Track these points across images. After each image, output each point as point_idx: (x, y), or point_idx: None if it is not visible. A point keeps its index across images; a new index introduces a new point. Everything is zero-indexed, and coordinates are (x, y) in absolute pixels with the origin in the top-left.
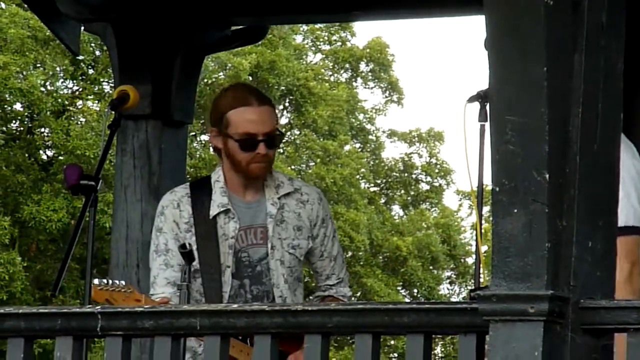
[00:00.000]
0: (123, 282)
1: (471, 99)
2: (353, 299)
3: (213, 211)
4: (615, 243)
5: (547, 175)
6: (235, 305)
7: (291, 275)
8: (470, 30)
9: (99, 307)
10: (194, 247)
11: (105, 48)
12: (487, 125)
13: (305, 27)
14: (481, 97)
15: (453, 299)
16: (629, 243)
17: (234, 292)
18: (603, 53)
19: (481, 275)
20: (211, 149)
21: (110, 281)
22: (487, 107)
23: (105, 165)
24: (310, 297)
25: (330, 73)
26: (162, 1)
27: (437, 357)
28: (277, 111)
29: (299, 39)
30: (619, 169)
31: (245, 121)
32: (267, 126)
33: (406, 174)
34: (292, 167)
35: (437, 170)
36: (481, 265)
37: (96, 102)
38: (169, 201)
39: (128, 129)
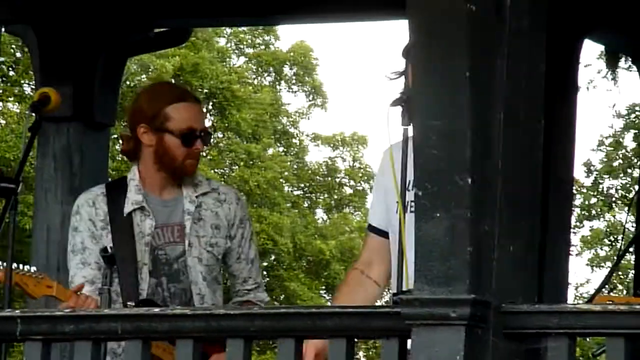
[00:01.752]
0: (34, 268)
1: (394, 103)
2: (276, 302)
3: (127, 209)
4: (536, 247)
5: (470, 180)
6: (156, 310)
7: (210, 274)
8: (393, 34)
9: (18, 311)
10: (110, 245)
11: (26, 49)
12: (410, 129)
13: (228, 30)
14: (404, 101)
15: (376, 303)
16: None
17: (151, 291)
18: (525, 57)
19: (403, 279)
20: (119, 148)
21: (22, 266)
22: (410, 111)
23: (26, 168)
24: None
25: (254, 76)
26: (84, 3)
27: None
28: None
29: (222, 41)
30: (540, 173)
31: (187, 116)
32: (202, 122)
33: (330, 178)
34: (216, 170)
35: (360, 175)
36: (404, 269)
37: (17, 104)
38: (84, 200)
39: (49, 131)
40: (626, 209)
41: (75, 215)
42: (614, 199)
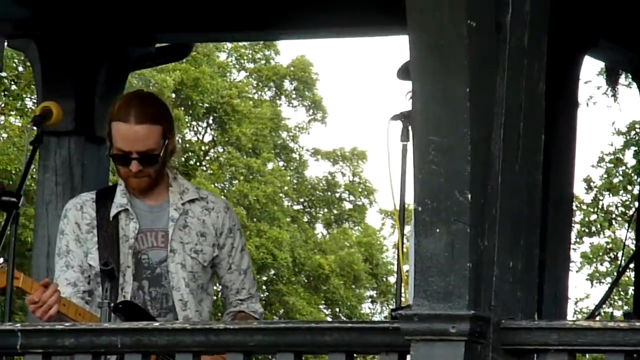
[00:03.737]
0: (1, 260)
1: (394, 117)
2: (275, 317)
3: (112, 211)
4: (536, 263)
5: (469, 195)
6: (156, 324)
7: (194, 281)
8: (394, 50)
9: (19, 324)
10: (95, 247)
11: (28, 64)
12: (410, 145)
13: (229, 45)
14: (404, 117)
15: (375, 318)
16: None
17: (132, 293)
18: (525, 74)
19: (403, 295)
20: None
21: None
22: (409, 127)
23: (27, 181)
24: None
25: (254, 91)
26: (86, 17)
27: None
28: (171, 127)
29: (223, 56)
30: (540, 189)
31: (120, 137)
32: (142, 145)
33: (329, 193)
34: (216, 184)
35: (360, 189)
36: (403, 284)
37: (19, 117)
38: (72, 204)
39: (50, 145)
40: (626, 225)
41: (63, 218)
42: (614, 215)
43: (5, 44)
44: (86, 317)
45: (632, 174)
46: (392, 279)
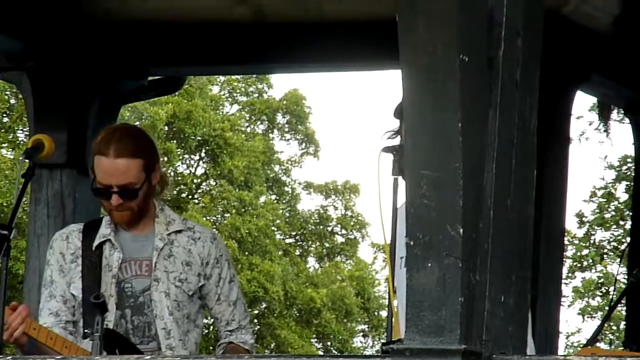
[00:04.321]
0: None
1: (385, 149)
2: (266, 351)
3: (96, 242)
4: (528, 298)
5: (461, 230)
6: (148, 357)
7: (179, 310)
8: (386, 84)
9: (10, 357)
10: (78, 277)
11: (20, 96)
12: (401, 179)
13: (222, 78)
14: (395, 150)
15: (366, 352)
16: None
17: (115, 322)
18: (517, 108)
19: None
20: None
21: None
22: (401, 161)
23: (19, 214)
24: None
25: (247, 124)
26: (79, 50)
27: None
28: (151, 161)
29: (215, 89)
30: (532, 224)
31: (100, 170)
32: (122, 179)
33: (321, 226)
34: (208, 217)
35: (352, 223)
36: (394, 318)
37: (10, 150)
38: (58, 235)
39: (42, 177)
40: (618, 260)
41: (49, 249)
42: (605, 250)
43: None
44: (58, 342)
45: (624, 209)
46: (383, 313)
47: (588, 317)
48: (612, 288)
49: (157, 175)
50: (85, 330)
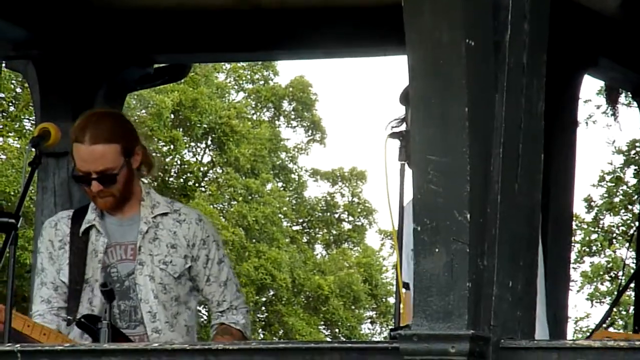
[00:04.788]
0: None
1: (392, 135)
2: (274, 338)
3: (82, 228)
4: (535, 283)
5: (469, 215)
6: (155, 344)
7: (165, 293)
8: (392, 70)
9: (18, 345)
10: (66, 263)
11: (26, 85)
12: (408, 165)
13: (227, 65)
14: (402, 136)
15: (374, 339)
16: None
17: (102, 307)
18: (524, 93)
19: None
20: None
21: None
22: (407, 147)
23: (26, 203)
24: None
25: (253, 111)
26: (84, 39)
27: None
28: (128, 145)
29: (221, 77)
30: (539, 209)
31: (78, 158)
32: (99, 165)
33: (328, 213)
34: (214, 205)
35: (359, 210)
36: (402, 305)
37: (17, 139)
38: (48, 222)
39: (49, 166)
40: (627, 244)
41: (40, 237)
42: (614, 235)
43: (3, 65)
44: (51, 337)
45: (633, 193)
46: (391, 300)
47: (597, 302)
48: (620, 273)
49: (137, 159)
50: (68, 317)
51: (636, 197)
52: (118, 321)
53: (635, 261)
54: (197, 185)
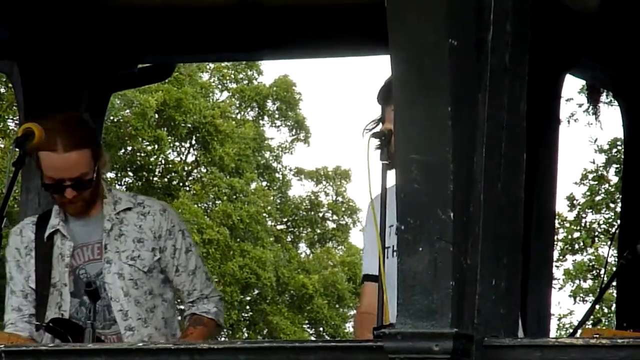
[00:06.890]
0: None
1: (375, 135)
2: (259, 337)
3: (46, 233)
4: (519, 281)
5: (452, 214)
6: (140, 344)
7: (136, 288)
8: (376, 69)
9: (3, 345)
10: (33, 269)
11: (10, 85)
12: (390, 164)
13: (212, 65)
14: (384, 136)
15: None
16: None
17: (74, 310)
18: (506, 92)
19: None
20: None
21: None
22: (389, 146)
23: (10, 203)
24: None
25: (237, 111)
26: (69, 38)
27: None
28: (100, 152)
29: (205, 76)
30: (522, 208)
31: (50, 166)
32: (74, 172)
33: (313, 212)
34: (199, 204)
35: (343, 209)
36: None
37: (1, 139)
38: (13, 230)
39: (33, 166)
40: (609, 242)
41: (7, 246)
42: (596, 233)
43: None
44: (2, 337)
45: (615, 192)
46: None
47: (579, 300)
48: (603, 270)
49: (103, 160)
50: (36, 323)
51: (618, 195)
52: (92, 322)
53: (617, 259)
54: (181, 184)
